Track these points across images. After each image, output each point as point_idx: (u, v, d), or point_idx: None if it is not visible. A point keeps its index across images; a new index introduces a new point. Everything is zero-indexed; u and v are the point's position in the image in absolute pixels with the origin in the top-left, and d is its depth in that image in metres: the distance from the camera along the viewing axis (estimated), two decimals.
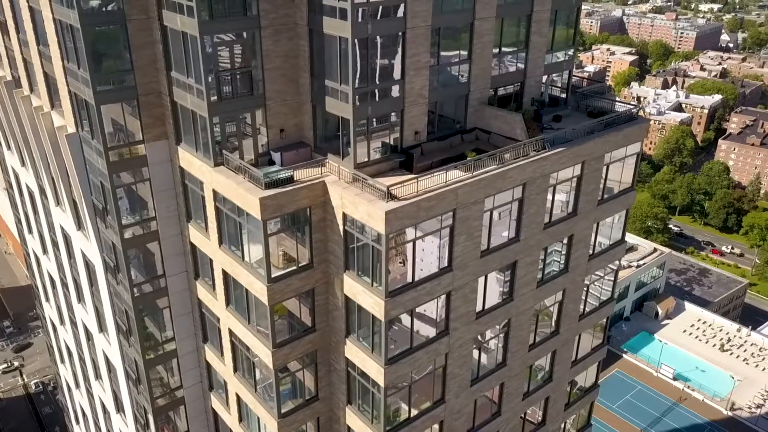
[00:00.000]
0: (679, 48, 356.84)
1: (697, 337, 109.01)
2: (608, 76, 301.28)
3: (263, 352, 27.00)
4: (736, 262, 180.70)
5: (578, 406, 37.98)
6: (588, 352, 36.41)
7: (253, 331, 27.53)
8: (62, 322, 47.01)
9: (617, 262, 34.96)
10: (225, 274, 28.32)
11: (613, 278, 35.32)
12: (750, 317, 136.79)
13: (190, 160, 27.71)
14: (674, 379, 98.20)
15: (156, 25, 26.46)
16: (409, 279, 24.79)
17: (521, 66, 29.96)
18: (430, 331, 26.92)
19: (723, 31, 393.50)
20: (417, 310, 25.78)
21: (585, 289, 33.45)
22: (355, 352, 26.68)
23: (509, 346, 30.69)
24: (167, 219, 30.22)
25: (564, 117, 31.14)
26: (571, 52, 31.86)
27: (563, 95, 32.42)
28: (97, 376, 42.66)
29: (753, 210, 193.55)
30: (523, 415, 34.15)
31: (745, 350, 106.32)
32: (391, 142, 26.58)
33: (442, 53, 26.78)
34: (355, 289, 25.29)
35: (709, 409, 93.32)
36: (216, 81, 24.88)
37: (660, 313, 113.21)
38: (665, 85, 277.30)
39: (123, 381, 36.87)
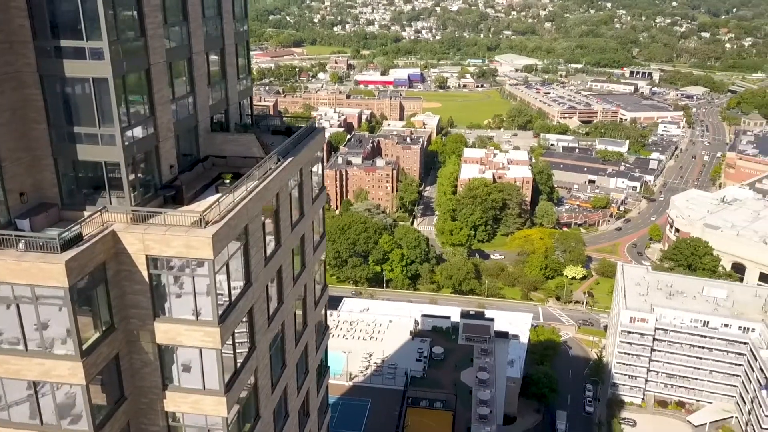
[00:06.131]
0: None
1: None
2: None
3: None
4: None
5: (322, 390, 42.17)
6: (320, 337, 40.95)
7: (56, 430, 23.16)
8: None
9: (324, 253, 40.39)
10: None
11: (323, 267, 40.62)
12: (330, 302, 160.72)
13: None
14: None
15: None
16: (227, 302, 25.16)
17: (224, 95, 32.34)
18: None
19: None
20: None
21: (313, 280, 37.84)
22: (180, 399, 25.32)
23: (286, 347, 32.97)
24: None
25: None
26: (250, 80, 35.59)
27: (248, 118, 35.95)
28: None
29: None
30: (300, 411, 36.62)
31: (340, 329, 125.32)
32: (148, 179, 26.00)
33: (175, 87, 27.40)
34: (174, 331, 24.25)
35: (335, 387, 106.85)
36: None
37: None
38: None
39: None
